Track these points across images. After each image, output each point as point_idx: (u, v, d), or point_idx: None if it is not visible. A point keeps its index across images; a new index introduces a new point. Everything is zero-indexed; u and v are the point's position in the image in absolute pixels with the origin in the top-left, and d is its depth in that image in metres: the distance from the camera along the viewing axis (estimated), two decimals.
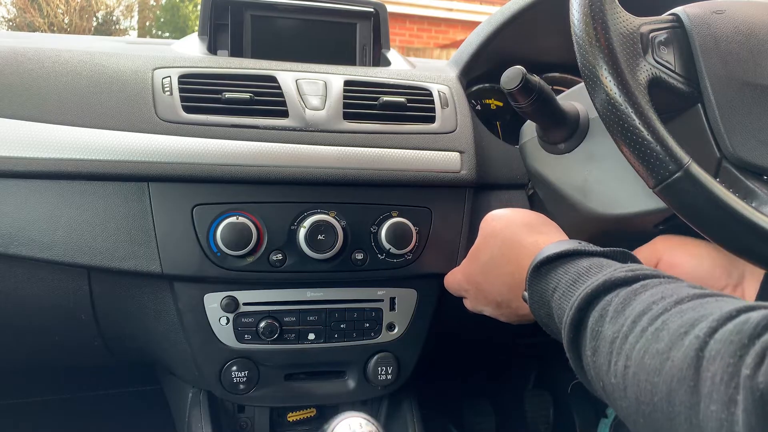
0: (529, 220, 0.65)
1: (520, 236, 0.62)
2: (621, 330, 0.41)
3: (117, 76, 0.75)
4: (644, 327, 0.40)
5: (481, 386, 1.42)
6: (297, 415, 0.87)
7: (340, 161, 0.75)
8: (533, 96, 0.65)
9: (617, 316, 0.43)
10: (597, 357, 0.43)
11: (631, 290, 0.44)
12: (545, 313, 0.53)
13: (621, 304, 0.43)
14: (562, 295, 0.50)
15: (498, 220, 0.66)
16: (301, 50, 0.93)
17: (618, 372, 0.40)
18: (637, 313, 0.41)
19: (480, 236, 0.68)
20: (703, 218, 0.51)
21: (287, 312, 0.78)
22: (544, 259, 0.54)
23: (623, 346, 0.40)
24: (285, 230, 0.74)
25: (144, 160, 0.70)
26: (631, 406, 0.39)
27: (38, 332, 0.80)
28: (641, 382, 0.38)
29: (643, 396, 0.38)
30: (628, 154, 0.53)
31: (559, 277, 0.51)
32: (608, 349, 0.42)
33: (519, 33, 0.89)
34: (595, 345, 0.44)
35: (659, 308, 0.40)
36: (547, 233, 0.62)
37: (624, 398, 0.40)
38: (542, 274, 0.54)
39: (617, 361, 0.41)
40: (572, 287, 0.49)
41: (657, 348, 0.38)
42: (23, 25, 9.36)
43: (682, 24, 0.60)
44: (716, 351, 0.34)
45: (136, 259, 0.71)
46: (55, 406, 1.17)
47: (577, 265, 0.51)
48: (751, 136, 0.56)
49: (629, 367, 0.39)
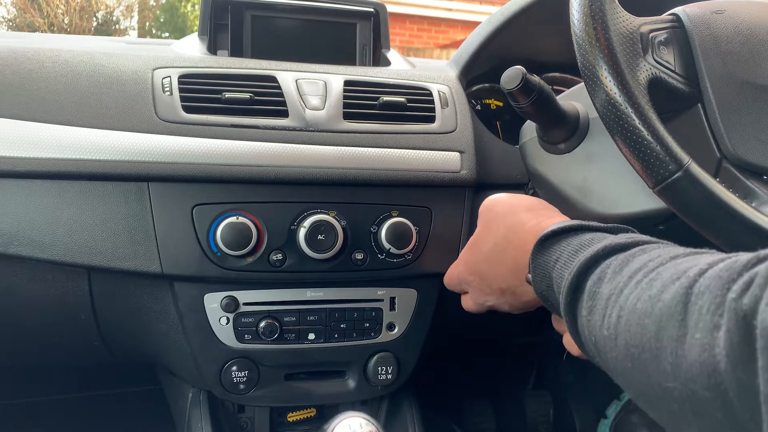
0: (530, 204, 0.64)
1: (523, 220, 0.61)
2: (617, 287, 0.42)
3: (117, 76, 0.75)
4: (639, 280, 0.40)
5: (481, 386, 1.42)
6: (297, 415, 0.87)
7: (340, 161, 0.75)
8: (533, 96, 0.65)
9: (615, 276, 0.43)
10: (592, 315, 0.44)
11: (630, 253, 0.45)
12: (546, 285, 0.54)
13: (619, 265, 0.44)
14: (564, 264, 0.50)
15: (498, 205, 0.65)
16: (301, 50, 0.93)
17: (611, 323, 0.41)
18: (633, 270, 0.42)
19: (481, 224, 0.67)
20: (703, 218, 0.51)
21: (287, 312, 0.78)
22: (549, 233, 0.54)
23: (618, 299, 0.41)
24: (285, 230, 0.74)
25: (144, 160, 0.70)
26: (620, 354, 0.40)
27: (38, 332, 0.80)
28: (632, 326, 0.38)
29: (632, 339, 0.38)
30: (628, 154, 0.53)
31: (562, 249, 0.52)
32: (604, 305, 0.42)
33: (519, 33, 0.89)
34: (592, 304, 0.44)
35: (655, 263, 0.41)
36: (549, 216, 0.61)
37: (614, 348, 0.40)
38: (546, 247, 0.54)
39: (611, 314, 0.41)
40: (573, 256, 0.49)
41: (649, 294, 0.38)
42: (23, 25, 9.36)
43: (682, 24, 0.60)
44: (705, 286, 0.34)
45: (136, 259, 0.71)
46: (55, 406, 1.17)
47: (580, 238, 0.51)
48: (751, 136, 0.56)
49: (622, 317, 0.40)
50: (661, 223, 0.65)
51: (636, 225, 0.67)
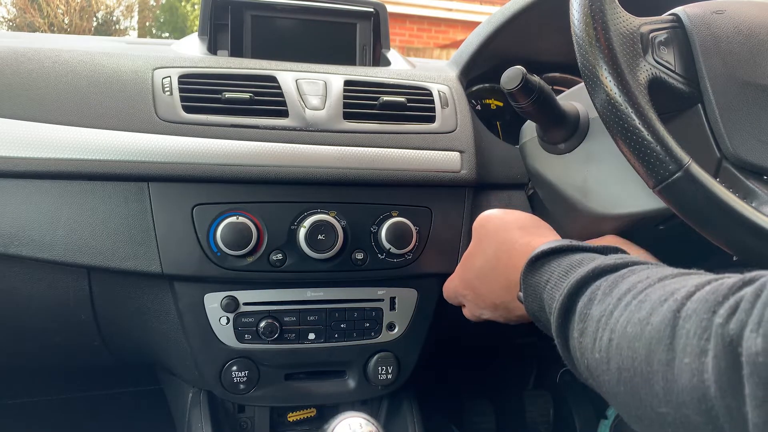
0: (522, 221, 0.65)
1: (513, 238, 0.62)
2: (607, 308, 0.42)
3: (117, 76, 0.75)
4: (628, 302, 0.40)
5: (481, 386, 1.42)
6: (297, 415, 0.87)
7: (340, 161, 0.75)
8: (533, 96, 0.65)
9: (605, 297, 0.43)
10: (584, 337, 0.44)
11: (619, 275, 0.45)
12: (538, 306, 0.54)
13: (609, 287, 0.44)
14: (554, 285, 0.50)
15: (491, 222, 0.66)
16: (301, 50, 0.93)
17: (602, 347, 0.41)
18: (623, 291, 0.42)
19: (474, 240, 0.68)
20: (703, 218, 0.51)
21: (287, 312, 0.78)
22: (539, 254, 0.54)
23: (608, 322, 0.41)
24: (285, 230, 0.74)
25: (144, 160, 0.70)
26: (613, 378, 0.40)
27: (38, 332, 0.80)
28: (623, 350, 0.39)
29: (624, 363, 0.38)
30: (628, 154, 0.53)
31: (552, 270, 0.52)
32: (594, 327, 0.43)
33: (519, 33, 0.89)
34: (583, 327, 0.44)
35: (643, 285, 0.41)
36: (540, 234, 0.62)
37: (607, 371, 0.40)
38: (536, 268, 0.54)
39: (602, 336, 0.41)
40: (563, 277, 0.50)
41: (638, 317, 0.38)
42: (23, 25, 9.37)
43: (682, 24, 0.60)
44: (692, 310, 0.34)
45: (136, 259, 0.71)
46: (55, 406, 1.17)
47: (570, 259, 0.52)
48: (751, 136, 0.56)
49: (613, 340, 0.40)
50: (661, 223, 0.65)
51: (636, 225, 0.67)
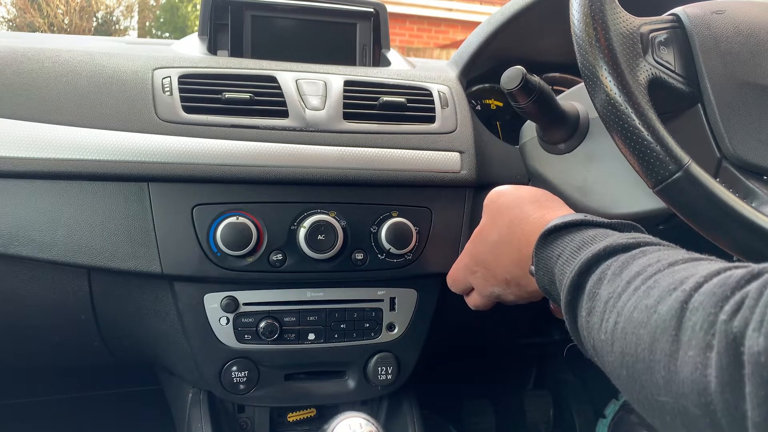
0: (535, 196, 0.64)
1: (527, 212, 0.61)
2: (616, 290, 0.42)
3: (117, 76, 0.75)
4: (637, 286, 0.41)
5: (481, 386, 1.42)
6: (297, 415, 0.87)
7: (340, 161, 0.75)
8: (533, 96, 0.65)
9: (614, 278, 0.44)
10: (591, 317, 0.44)
11: (630, 255, 0.45)
12: (549, 280, 0.54)
13: (619, 267, 0.44)
14: (566, 261, 0.50)
15: (503, 197, 0.65)
16: (301, 50, 0.93)
17: (608, 328, 0.41)
18: (632, 274, 0.42)
19: (486, 216, 0.67)
20: (703, 218, 0.51)
21: (287, 312, 0.78)
22: (552, 228, 0.54)
23: (616, 304, 0.41)
24: (285, 230, 0.74)
25: (144, 160, 0.70)
26: (617, 360, 0.40)
27: (38, 332, 0.80)
28: (628, 335, 0.39)
29: (628, 348, 0.39)
30: (627, 154, 0.53)
31: (565, 245, 0.52)
32: (602, 308, 0.43)
33: (519, 33, 0.89)
34: (591, 306, 0.44)
35: (653, 269, 0.41)
36: (554, 208, 0.61)
37: (611, 353, 0.41)
38: (549, 242, 0.54)
39: (609, 318, 0.42)
40: (575, 253, 0.50)
41: (646, 303, 0.38)
42: (23, 25, 9.36)
43: (682, 24, 0.60)
44: (699, 303, 0.35)
45: (136, 260, 0.71)
46: (55, 406, 1.17)
47: (583, 234, 0.51)
48: (751, 136, 0.56)
49: (618, 323, 0.40)
50: (661, 223, 0.65)
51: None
